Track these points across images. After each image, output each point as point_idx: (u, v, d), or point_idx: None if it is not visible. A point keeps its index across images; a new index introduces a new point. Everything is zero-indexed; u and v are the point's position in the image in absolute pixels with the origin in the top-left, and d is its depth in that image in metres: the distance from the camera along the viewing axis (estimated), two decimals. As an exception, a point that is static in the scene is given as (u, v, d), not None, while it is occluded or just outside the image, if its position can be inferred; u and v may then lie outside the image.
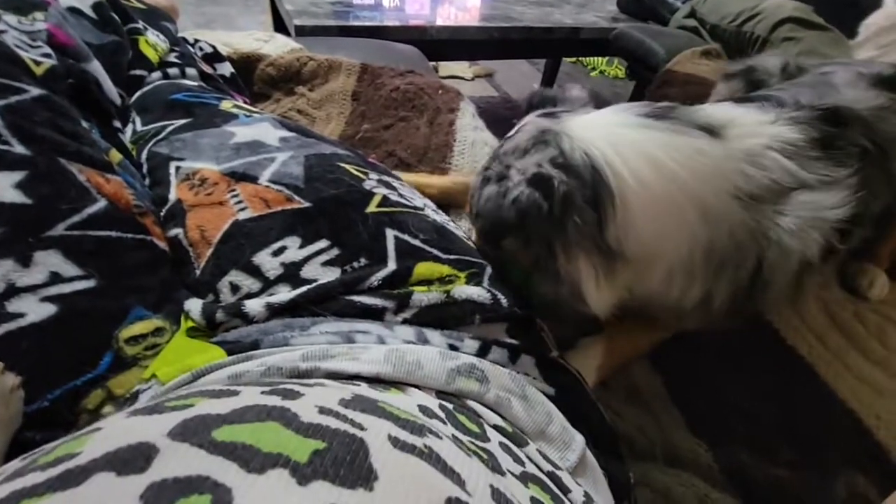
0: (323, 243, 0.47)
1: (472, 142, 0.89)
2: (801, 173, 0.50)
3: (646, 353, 0.64)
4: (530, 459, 0.31)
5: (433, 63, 1.32)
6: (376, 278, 0.45)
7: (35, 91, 0.49)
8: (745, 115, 0.54)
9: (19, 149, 0.45)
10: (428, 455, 0.21)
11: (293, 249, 0.47)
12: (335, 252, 0.46)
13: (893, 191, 0.60)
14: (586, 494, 0.31)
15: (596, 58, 2.88)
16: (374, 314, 0.43)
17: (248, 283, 0.45)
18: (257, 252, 0.47)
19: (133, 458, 0.18)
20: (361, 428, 0.21)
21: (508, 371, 0.38)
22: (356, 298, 0.44)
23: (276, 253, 0.47)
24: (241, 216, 0.49)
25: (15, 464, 0.26)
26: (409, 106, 0.92)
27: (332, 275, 0.45)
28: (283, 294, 0.44)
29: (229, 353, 0.39)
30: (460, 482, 0.21)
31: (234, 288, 0.46)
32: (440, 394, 0.34)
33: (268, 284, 0.45)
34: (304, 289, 0.44)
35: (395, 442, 0.21)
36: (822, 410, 0.62)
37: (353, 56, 1.04)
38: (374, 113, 0.92)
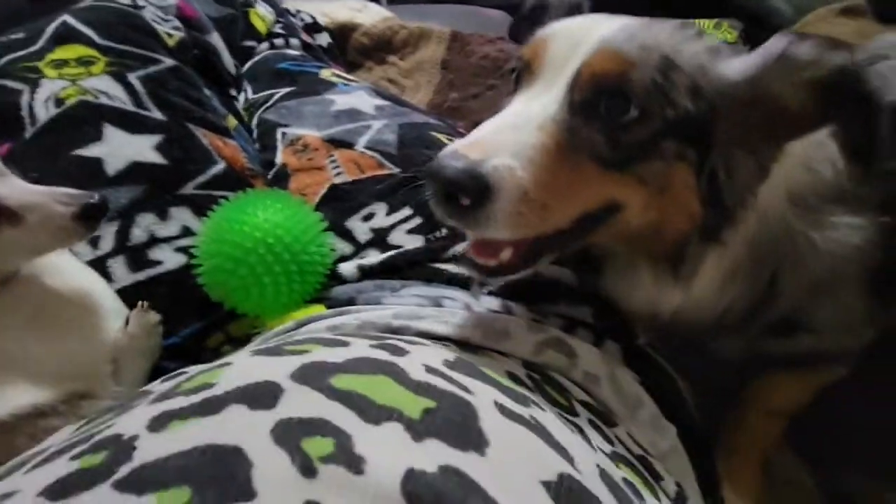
0: (407, 212, 0.49)
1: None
2: (843, 182, 0.42)
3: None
4: (619, 440, 0.30)
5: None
6: (458, 249, 0.46)
7: (168, 62, 0.55)
8: None
9: (157, 114, 0.51)
10: (535, 426, 0.21)
11: (381, 216, 0.49)
12: (418, 221, 0.48)
13: None
14: (678, 485, 0.31)
15: (701, 20, 2.62)
16: (461, 283, 0.44)
17: (342, 246, 0.48)
18: (350, 217, 0.49)
19: (262, 395, 0.20)
20: (468, 391, 0.22)
21: (598, 350, 0.38)
22: (443, 266, 0.45)
23: (366, 218, 0.49)
24: (337, 180, 0.52)
25: (160, 386, 0.31)
26: (499, 74, 0.90)
27: (416, 242, 0.47)
28: (373, 257, 0.47)
29: (328, 308, 0.42)
30: (569, 458, 0.21)
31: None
32: (526, 364, 0.35)
33: (359, 248, 0.48)
34: (392, 253, 0.46)
35: (503, 409, 0.21)
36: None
37: (444, 23, 1.04)
38: (463, 82, 0.91)
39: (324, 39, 0.91)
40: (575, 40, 0.35)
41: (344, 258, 0.48)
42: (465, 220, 0.32)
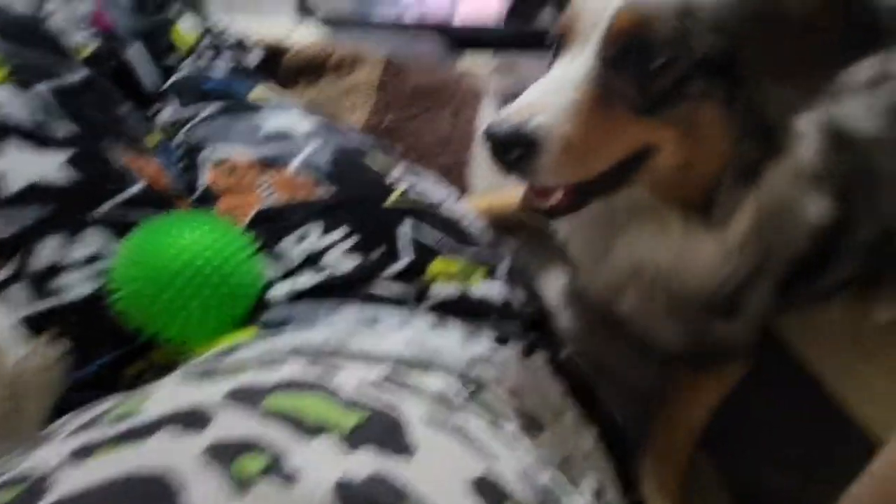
0: (342, 232, 0.49)
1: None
2: (817, 166, 0.48)
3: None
4: (545, 445, 0.32)
5: (456, 54, 1.33)
6: (394, 270, 0.47)
7: (81, 73, 0.51)
8: None
9: (67, 129, 0.47)
10: (462, 434, 0.22)
11: (315, 237, 0.49)
12: (353, 242, 0.48)
13: (878, 228, 0.55)
14: (599, 482, 0.33)
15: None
16: (396, 302, 0.45)
17: (273, 269, 0.48)
18: (282, 238, 0.49)
19: (193, 419, 0.20)
20: (398, 405, 0.23)
21: (525, 362, 0.40)
22: (378, 287, 0.46)
23: (299, 240, 0.49)
24: (268, 202, 0.51)
25: (76, 419, 0.28)
26: (433, 98, 0.93)
27: (351, 263, 0.47)
28: (307, 279, 0.46)
29: (261, 330, 0.41)
30: (491, 460, 0.22)
31: None
32: (460, 376, 0.36)
33: (292, 270, 0.47)
34: (325, 275, 0.46)
35: (430, 420, 0.23)
36: (831, 423, 0.62)
37: (377, 46, 1.05)
38: (399, 104, 0.93)
39: (254, 58, 0.89)
40: (600, 7, 0.39)
41: (276, 280, 0.47)
42: (518, 171, 0.38)
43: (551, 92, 0.38)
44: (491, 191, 0.83)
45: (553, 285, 0.72)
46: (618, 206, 0.48)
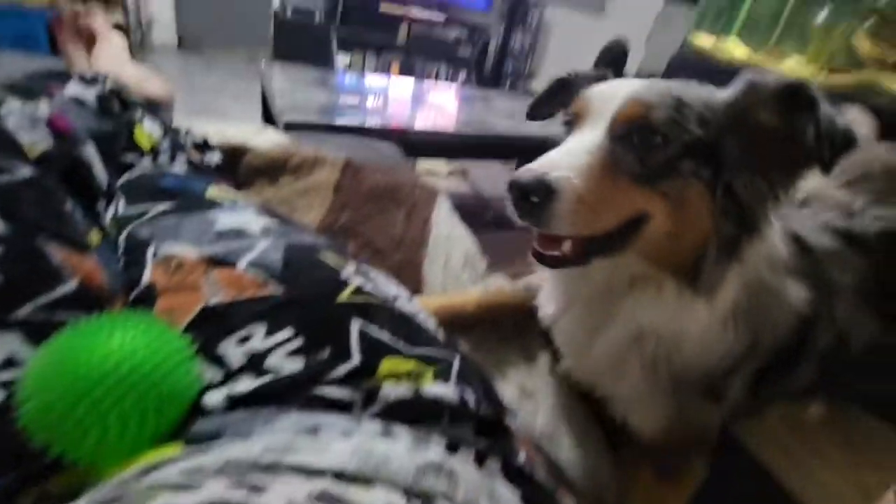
0: (288, 332, 0.47)
1: (447, 236, 0.93)
2: (790, 260, 0.56)
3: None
4: None
5: (413, 158, 1.42)
6: (341, 371, 0.45)
7: (26, 172, 0.51)
8: None
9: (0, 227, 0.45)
10: None
11: (258, 338, 0.46)
12: (299, 342, 0.46)
13: (833, 334, 0.60)
14: None
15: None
16: (342, 407, 0.42)
17: (210, 374, 0.44)
18: (222, 340, 0.46)
19: None
20: None
21: (477, 470, 0.38)
22: (323, 390, 0.43)
23: (242, 341, 0.46)
24: (212, 302, 0.49)
25: None
26: (389, 200, 0.97)
27: (296, 365, 0.45)
28: (246, 384, 0.43)
29: (187, 443, 0.37)
30: None
31: None
32: (407, 492, 0.33)
33: (230, 375, 0.44)
34: (267, 379, 0.43)
35: None
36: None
37: (337, 150, 1.11)
38: (355, 205, 0.96)
39: (214, 158, 0.91)
40: (610, 96, 0.48)
41: (213, 386, 0.44)
42: (534, 218, 0.44)
43: (568, 154, 0.46)
44: (444, 290, 0.84)
45: (510, 383, 0.70)
46: (616, 278, 0.54)
